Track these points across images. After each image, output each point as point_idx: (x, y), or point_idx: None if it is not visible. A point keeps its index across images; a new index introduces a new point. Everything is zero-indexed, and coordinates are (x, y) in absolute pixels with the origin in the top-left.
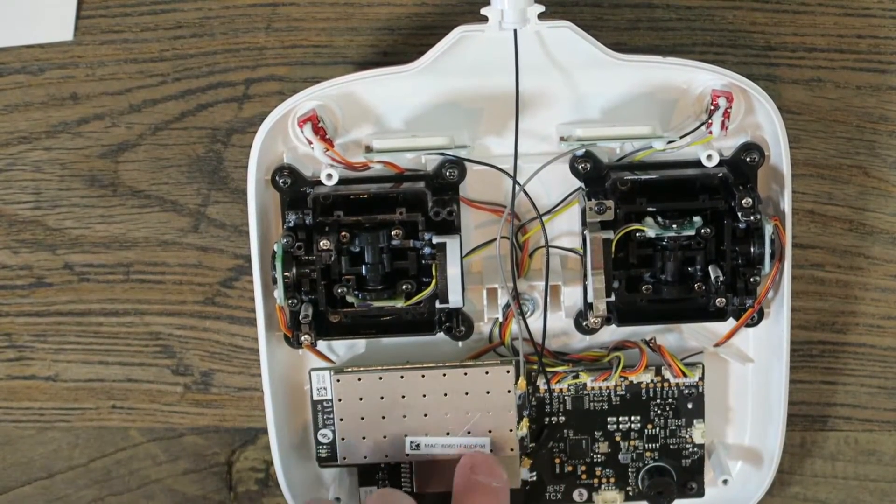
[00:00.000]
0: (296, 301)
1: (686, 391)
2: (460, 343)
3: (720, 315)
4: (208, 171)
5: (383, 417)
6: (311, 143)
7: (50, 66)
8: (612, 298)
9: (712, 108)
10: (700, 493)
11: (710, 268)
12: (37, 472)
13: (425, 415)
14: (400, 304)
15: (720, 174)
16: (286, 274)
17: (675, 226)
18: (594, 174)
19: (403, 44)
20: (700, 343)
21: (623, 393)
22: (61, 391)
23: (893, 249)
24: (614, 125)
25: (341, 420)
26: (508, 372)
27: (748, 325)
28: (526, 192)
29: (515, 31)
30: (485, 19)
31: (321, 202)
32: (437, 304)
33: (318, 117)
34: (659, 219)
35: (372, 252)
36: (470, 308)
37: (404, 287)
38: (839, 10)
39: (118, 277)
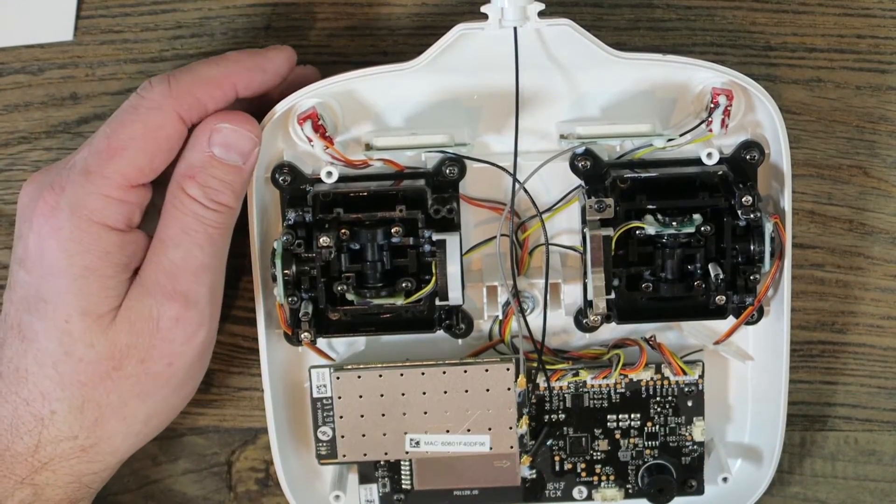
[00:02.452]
0: (296, 298)
1: (686, 389)
2: (460, 341)
3: (720, 313)
4: None
5: (383, 415)
6: (310, 140)
7: (50, 66)
8: (612, 296)
9: (712, 106)
10: (700, 491)
11: (709, 266)
12: None
13: (425, 412)
14: (400, 301)
15: (720, 172)
16: (286, 271)
17: (674, 223)
18: (594, 172)
19: (403, 44)
20: (700, 341)
21: (623, 391)
22: None
23: (893, 249)
24: (614, 123)
25: (341, 417)
26: (508, 369)
27: (748, 323)
28: (526, 190)
29: (515, 28)
30: (485, 17)
31: (321, 200)
32: (437, 302)
33: (317, 115)
34: (659, 216)
35: (372, 249)
36: (470, 306)
37: (404, 285)
38: (839, 11)
39: None
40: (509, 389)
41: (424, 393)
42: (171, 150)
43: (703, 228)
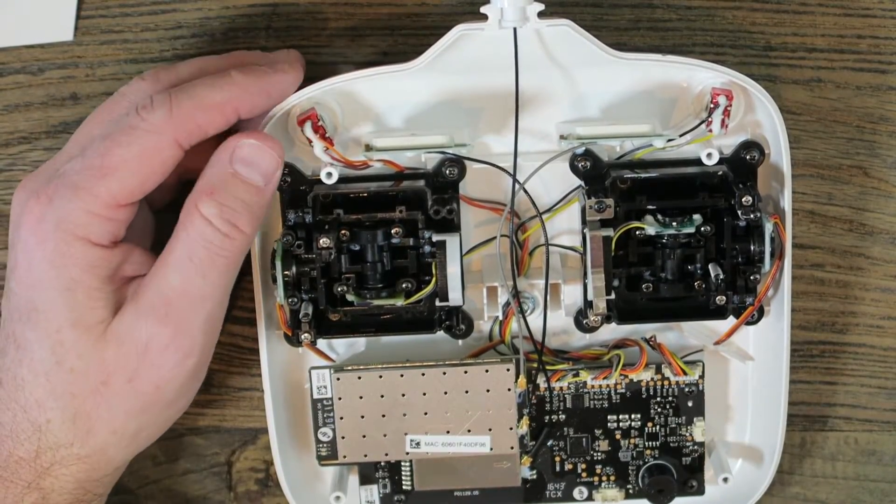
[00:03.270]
0: (296, 299)
1: (686, 389)
2: (460, 341)
3: (720, 313)
4: None
5: (383, 416)
6: (310, 141)
7: (50, 66)
8: (612, 296)
9: (712, 106)
10: (700, 491)
11: (710, 266)
12: None
13: (425, 413)
14: (400, 302)
15: (720, 172)
16: (286, 272)
17: (674, 224)
18: (594, 172)
19: (403, 44)
20: (700, 341)
21: (623, 391)
22: None
23: (893, 249)
24: (614, 123)
25: (341, 418)
26: (508, 370)
27: (748, 324)
28: (526, 191)
29: (515, 29)
30: (484, 18)
31: (321, 200)
32: (437, 303)
33: (317, 116)
34: (659, 217)
35: (372, 250)
36: (470, 306)
37: (404, 285)
38: (839, 11)
39: None
40: (510, 390)
41: (425, 394)
42: (165, 172)
43: (703, 229)
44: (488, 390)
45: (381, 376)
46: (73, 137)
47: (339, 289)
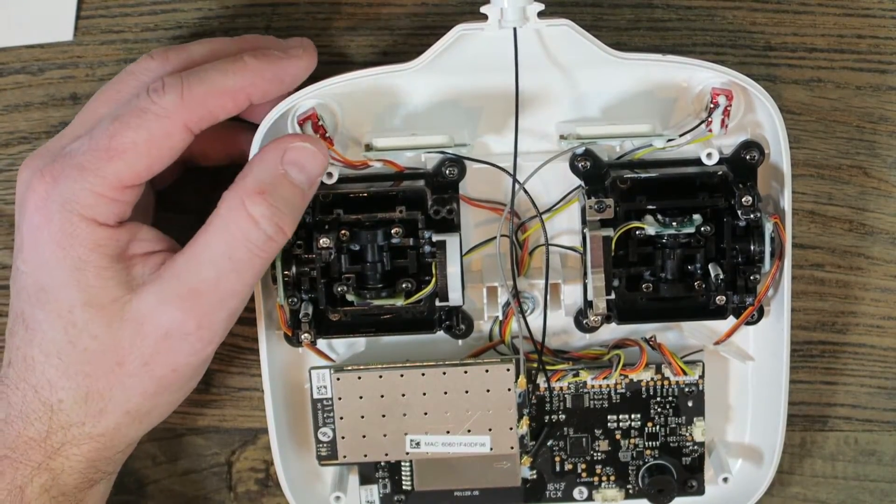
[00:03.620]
0: (296, 299)
1: (686, 389)
2: (460, 341)
3: (720, 313)
4: (209, 170)
5: (383, 416)
6: None
7: (50, 66)
8: (612, 296)
9: (712, 106)
10: (700, 491)
11: (710, 266)
12: None
13: (425, 413)
14: (400, 302)
15: (720, 172)
16: (286, 272)
17: (674, 224)
18: (594, 172)
19: (403, 44)
20: (700, 341)
21: (623, 391)
22: None
23: (893, 249)
24: (614, 123)
25: (341, 418)
26: (508, 370)
27: (748, 324)
28: (526, 191)
29: (515, 29)
30: (484, 18)
31: (321, 200)
32: (437, 303)
33: (317, 116)
34: (659, 217)
35: (372, 250)
36: (470, 306)
37: (404, 285)
38: (839, 11)
39: None
40: (510, 390)
41: (425, 394)
42: (173, 156)
43: (703, 229)
44: (488, 390)
45: (381, 376)
46: (78, 116)
47: (339, 289)
